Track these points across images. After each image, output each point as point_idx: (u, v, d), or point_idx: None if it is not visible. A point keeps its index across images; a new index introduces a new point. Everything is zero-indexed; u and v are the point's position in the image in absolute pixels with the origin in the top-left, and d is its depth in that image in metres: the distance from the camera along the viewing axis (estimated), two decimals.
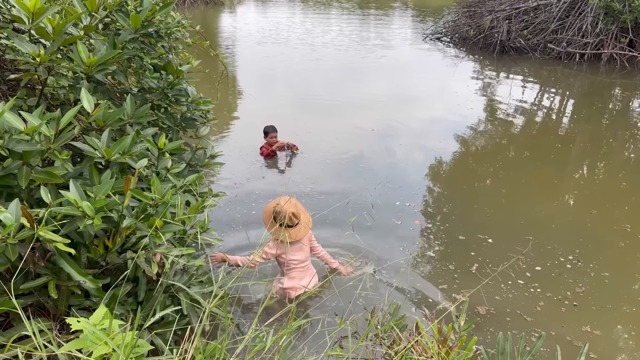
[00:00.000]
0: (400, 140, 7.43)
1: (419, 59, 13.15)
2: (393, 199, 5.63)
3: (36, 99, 2.43)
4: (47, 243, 1.86)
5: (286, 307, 2.14)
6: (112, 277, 2.29)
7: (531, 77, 11.56)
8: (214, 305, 1.88)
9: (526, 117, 8.87)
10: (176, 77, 3.10)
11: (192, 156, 3.27)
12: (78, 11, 2.45)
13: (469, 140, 7.64)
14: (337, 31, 16.53)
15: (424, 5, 23.47)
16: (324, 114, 8.65)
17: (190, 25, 3.71)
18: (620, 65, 11.96)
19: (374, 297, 3.76)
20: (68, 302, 2.17)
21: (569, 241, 4.86)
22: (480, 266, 4.46)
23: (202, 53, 4.69)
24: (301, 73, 11.56)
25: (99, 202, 1.93)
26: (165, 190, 2.27)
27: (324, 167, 6.49)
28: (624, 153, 7.25)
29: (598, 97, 10.12)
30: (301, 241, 3.89)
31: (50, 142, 1.96)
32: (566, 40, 12.69)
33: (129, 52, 2.70)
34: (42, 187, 1.90)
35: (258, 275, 3.97)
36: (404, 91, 10.28)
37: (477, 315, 3.85)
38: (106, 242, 2.23)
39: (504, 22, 13.46)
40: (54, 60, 2.26)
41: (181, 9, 19.80)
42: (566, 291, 4.17)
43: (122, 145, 2.18)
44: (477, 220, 5.22)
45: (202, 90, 8.25)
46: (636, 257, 4.64)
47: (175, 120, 3.22)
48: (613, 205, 5.58)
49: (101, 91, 2.71)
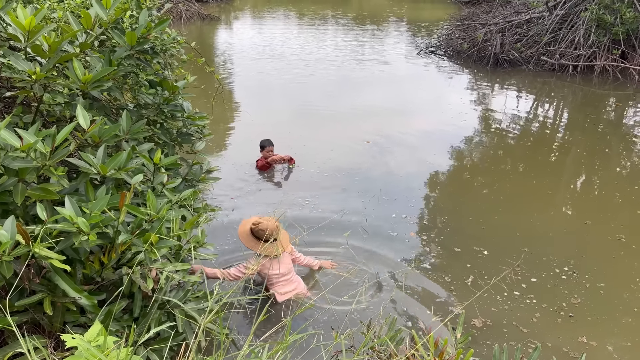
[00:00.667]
0: (395, 153, 7.47)
1: (414, 72, 13.25)
2: (388, 211, 5.64)
3: (32, 115, 2.45)
4: (43, 260, 1.86)
5: (281, 321, 2.14)
6: (107, 293, 2.29)
7: (525, 89, 11.66)
8: (209, 320, 1.88)
9: (520, 128, 8.93)
10: (172, 93, 3.13)
11: (189, 171, 3.29)
12: (74, 29, 2.47)
13: (463, 152, 7.68)
14: (332, 46, 16.66)
15: (419, 19, 23.69)
16: (319, 127, 8.68)
17: (185, 42, 3.75)
18: (612, 77, 12.08)
19: (370, 311, 3.76)
20: (63, 318, 2.17)
21: (564, 252, 4.87)
22: (476, 278, 4.46)
23: (197, 69, 4.73)
24: (296, 88, 11.63)
25: (94, 218, 1.94)
26: (160, 206, 2.28)
27: (320, 179, 6.51)
28: (618, 164, 7.30)
29: (591, 108, 10.21)
30: (280, 256, 3.95)
31: (45, 159, 1.98)
32: (559, 52, 12.82)
33: (125, 68, 2.73)
34: (37, 204, 1.91)
35: (253, 291, 3.97)
36: (399, 104, 10.35)
37: (474, 328, 3.85)
38: (102, 258, 2.23)
39: (497, 35, 13.59)
40: (50, 77, 2.28)
41: (177, 25, 19.92)
42: (562, 302, 4.18)
43: (117, 161, 2.20)
44: (472, 232, 5.23)
45: (198, 105, 8.30)
46: (631, 268, 4.66)
47: (171, 135, 3.24)
48: (607, 216, 5.61)
49: (97, 107, 2.74)
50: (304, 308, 2.41)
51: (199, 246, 2.69)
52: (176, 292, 2.56)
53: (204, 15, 22.27)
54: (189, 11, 21.81)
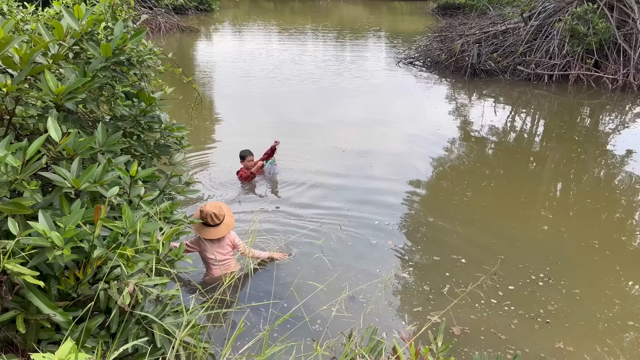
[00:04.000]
0: (371, 162, 7.51)
1: (393, 83, 13.38)
2: (366, 220, 5.67)
3: (4, 129, 2.41)
4: (15, 276, 1.83)
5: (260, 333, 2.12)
6: (83, 309, 2.25)
7: (502, 98, 11.85)
8: (185, 335, 1.86)
9: (497, 137, 9.07)
10: (149, 105, 3.10)
11: (167, 183, 3.26)
12: (45, 40, 2.45)
13: (441, 161, 7.76)
14: (312, 57, 16.75)
15: (397, 30, 23.97)
16: (298, 137, 8.69)
17: (163, 53, 3.73)
18: (587, 86, 12.35)
19: (350, 321, 3.76)
20: (37, 336, 2.12)
21: (540, 259, 4.94)
22: (454, 286, 4.49)
23: (176, 80, 4.71)
24: (276, 99, 11.65)
25: (68, 232, 1.91)
26: (137, 219, 2.25)
27: (299, 189, 6.51)
28: (590, 171, 7.45)
29: (567, 116, 10.42)
30: (221, 242, 4.38)
31: (17, 173, 1.94)
32: (535, 62, 13.08)
33: (100, 80, 2.70)
34: (9, 219, 1.88)
35: (228, 303, 3.94)
36: (378, 114, 10.43)
37: (452, 336, 3.87)
38: (77, 274, 2.19)
39: (474, 45, 13.82)
40: (22, 90, 2.25)
41: (157, 37, 19.83)
42: (539, 309, 4.23)
43: (91, 173, 2.17)
44: (450, 241, 5.27)
45: (178, 116, 8.25)
46: (605, 273, 4.75)
47: (149, 147, 3.21)
48: (580, 223, 5.72)
49: (72, 120, 2.70)
50: (282, 319, 2.40)
51: (177, 259, 2.66)
52: (154, 307, 2.53)
53: (184, 27, 22.22)
54: (168, 23, 21.76)
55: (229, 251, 4.48)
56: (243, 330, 3.66)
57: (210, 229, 4.29)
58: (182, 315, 2.54)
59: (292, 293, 4.31)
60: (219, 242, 4.38)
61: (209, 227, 4.29)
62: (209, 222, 4.26)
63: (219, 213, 4.29)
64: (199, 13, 28.30)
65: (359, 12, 34.12)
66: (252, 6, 37.10)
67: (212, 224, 4.28)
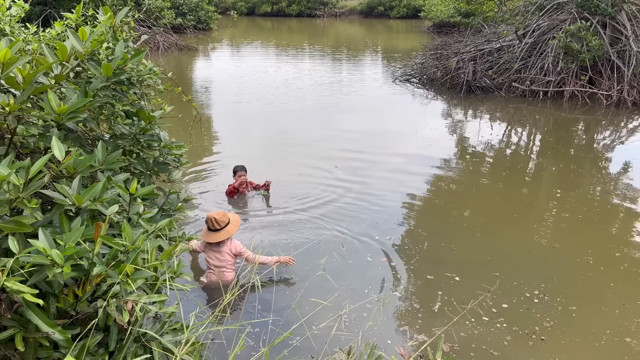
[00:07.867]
0: (366, 178, 7.54)
1: (389, 100, 13.48)
2: (363, 237, 5.67)
3: (5, 147, 2.43)
4: (15, 294, 1.83)
5: (260, 350, 2.13)
6: (82, 327, 2.25)
7: (498, 115, 11.96)
8: (185, 352, 1.87)
9: (492, 153, 9.13)
10: (148, 123, 3.14)
11: (165, 200, 3.28)
12: (49, 61, 2.49)
13: (437, 177, 7.80)
14: (309, 75, 16.89)
15: (393, 48, 24.23)
16: (293, 154, 8.73)
17: (162, 72, 3.78)
18: (582, 102, 12.48)
19: (349, 338, 3.75)
20: (36, 354, 2.12)
21: (535, 276, 4.94)
22: (447, 305, 4.48)
23: (175, 99, 4.77)
24: (274, 116, 11.73)
25: (68, 250, 1.92)
26: (136, 236, 2.27)
27: (292, 204, 6.54)
28: (585, 187, 7.49)
29: (562, 132, 10.51)
30: (220, 248, 4.60)
31: (19, 191, 1.96)
32: (529, 78, 13.22)
33: (101, 99, 2.74)
34: (9, 237, 1.89)
35: (230, 320, 3.93)
36: (374, 130, 10.50)
37: (443, 354, 3.86)
38: (76, 291, 2.20)
39: (469, 63, 13.97)
40: (24, 109, 2.28)
41: (155, 55, 19.98)
42: (534, 326, 4.21)
43: (92, 192, 2.19)
44: (444, 258, 5.28)
45: (177, 135, 8.30)
46: (601, 289, 4.75)
47: (148, 165, 3.24)
48: (574, 238, 5.73)
49: (72, 139, 2.73)
50: (282, 337, 2.40)
51: (175, 276, 2.66)
52: (153, 325, 2.53)
53: (182, 46, 22.42)
54: (166, 42, 21.95)
55: (228, 259, 4.66)
56: (244, 348, 3.66)
57: (210, 233, 4.57)
58: (181, 333, 2.55)
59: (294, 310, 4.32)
60: (217, 247, 4.62)
61: (210, 231, 4.58)
62: (210, 226, 4.57)
63: (220, 219, 4.56)
64: (197, 32, 28.57)
65: (355, 30, 34.51)
66: (249, 25, 37.49)
67: (213, 229, 4.56)
